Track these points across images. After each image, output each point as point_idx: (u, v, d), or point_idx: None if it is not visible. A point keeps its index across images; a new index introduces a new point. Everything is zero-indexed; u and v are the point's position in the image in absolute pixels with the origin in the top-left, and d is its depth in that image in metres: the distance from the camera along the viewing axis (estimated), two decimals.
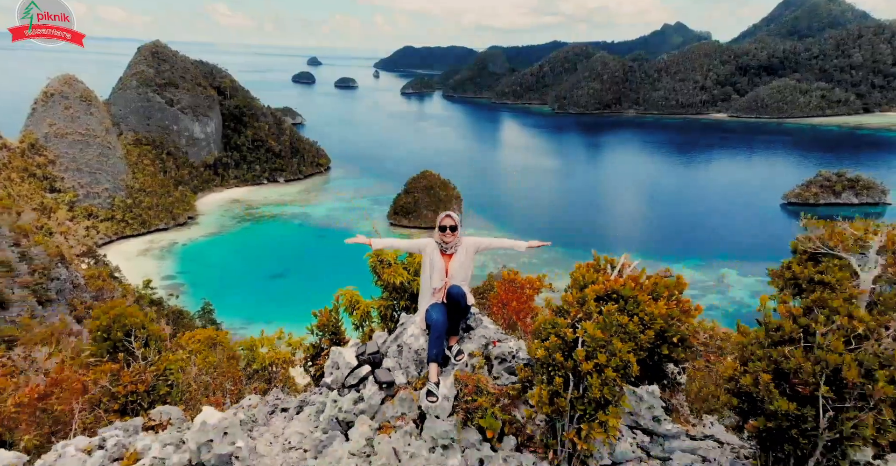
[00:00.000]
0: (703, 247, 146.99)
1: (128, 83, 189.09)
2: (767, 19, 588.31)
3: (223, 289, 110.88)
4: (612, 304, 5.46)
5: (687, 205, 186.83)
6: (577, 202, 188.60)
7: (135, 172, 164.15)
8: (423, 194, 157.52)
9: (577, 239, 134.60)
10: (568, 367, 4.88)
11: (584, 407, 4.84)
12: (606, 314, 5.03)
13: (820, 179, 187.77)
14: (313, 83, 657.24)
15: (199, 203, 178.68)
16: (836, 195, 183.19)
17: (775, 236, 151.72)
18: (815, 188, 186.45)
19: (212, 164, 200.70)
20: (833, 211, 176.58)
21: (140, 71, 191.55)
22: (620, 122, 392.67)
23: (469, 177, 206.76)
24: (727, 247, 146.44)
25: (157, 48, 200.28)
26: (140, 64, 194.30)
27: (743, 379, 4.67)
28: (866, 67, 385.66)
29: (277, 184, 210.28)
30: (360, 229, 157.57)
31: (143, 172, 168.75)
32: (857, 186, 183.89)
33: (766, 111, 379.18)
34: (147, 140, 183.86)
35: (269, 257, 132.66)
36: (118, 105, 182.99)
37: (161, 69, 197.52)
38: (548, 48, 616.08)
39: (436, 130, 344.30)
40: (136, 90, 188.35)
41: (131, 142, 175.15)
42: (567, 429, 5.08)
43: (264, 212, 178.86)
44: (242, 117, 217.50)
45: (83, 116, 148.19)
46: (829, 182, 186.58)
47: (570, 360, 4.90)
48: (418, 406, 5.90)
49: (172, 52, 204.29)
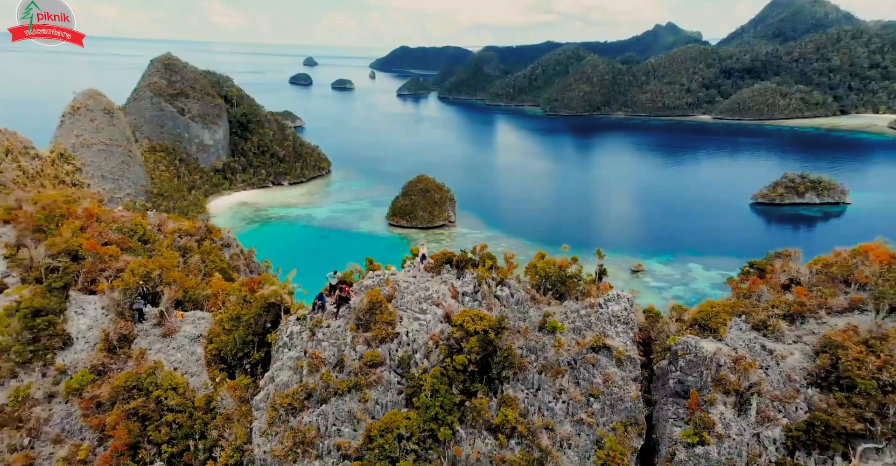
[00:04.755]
0: (674, 243, 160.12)
1: (142, 94, 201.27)
2: (755, 21, 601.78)
3: None
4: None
5: (665, 204, 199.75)
6: (565, 202, 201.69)
7: (153, 178, 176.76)
8: (419, 196, 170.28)
9: (563, 236, 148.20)
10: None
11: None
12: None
13: (785, 180, 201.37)
14: (310, 85, 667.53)
15: (211, 206, 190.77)
16: (800, 196, 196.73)
17: (741, 233, 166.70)
18: (781, 189, 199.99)
19: (221, 168, 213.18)
20: (796, 210, 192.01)
21: (153, 82, 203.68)
22: (609, 123, 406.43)
23: (463, 178, 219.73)
24: (696, 244, 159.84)
25: (169, 60, 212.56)
26: (153, 75, 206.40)
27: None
28: (844, 70, 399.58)
29: (282, 187, 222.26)
30: (361, 231, 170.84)
31: (160, 178, 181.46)
32: (819, 187, 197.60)
33: (747, 113, 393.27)
34: (161, 147, 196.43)
35: (277, 256, 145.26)
36: (133, 114, 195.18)
37: (173, 80, 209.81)
38: (542, 48, 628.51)
39: (432, 133, 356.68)
40: (150, 100, 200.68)
41: (147, 149, 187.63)
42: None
43: (271, 214, 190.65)
44: (248, 124, 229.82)
45: (107, 127, 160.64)
46: (793, 183, 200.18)
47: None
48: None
49: (183, 64, 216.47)
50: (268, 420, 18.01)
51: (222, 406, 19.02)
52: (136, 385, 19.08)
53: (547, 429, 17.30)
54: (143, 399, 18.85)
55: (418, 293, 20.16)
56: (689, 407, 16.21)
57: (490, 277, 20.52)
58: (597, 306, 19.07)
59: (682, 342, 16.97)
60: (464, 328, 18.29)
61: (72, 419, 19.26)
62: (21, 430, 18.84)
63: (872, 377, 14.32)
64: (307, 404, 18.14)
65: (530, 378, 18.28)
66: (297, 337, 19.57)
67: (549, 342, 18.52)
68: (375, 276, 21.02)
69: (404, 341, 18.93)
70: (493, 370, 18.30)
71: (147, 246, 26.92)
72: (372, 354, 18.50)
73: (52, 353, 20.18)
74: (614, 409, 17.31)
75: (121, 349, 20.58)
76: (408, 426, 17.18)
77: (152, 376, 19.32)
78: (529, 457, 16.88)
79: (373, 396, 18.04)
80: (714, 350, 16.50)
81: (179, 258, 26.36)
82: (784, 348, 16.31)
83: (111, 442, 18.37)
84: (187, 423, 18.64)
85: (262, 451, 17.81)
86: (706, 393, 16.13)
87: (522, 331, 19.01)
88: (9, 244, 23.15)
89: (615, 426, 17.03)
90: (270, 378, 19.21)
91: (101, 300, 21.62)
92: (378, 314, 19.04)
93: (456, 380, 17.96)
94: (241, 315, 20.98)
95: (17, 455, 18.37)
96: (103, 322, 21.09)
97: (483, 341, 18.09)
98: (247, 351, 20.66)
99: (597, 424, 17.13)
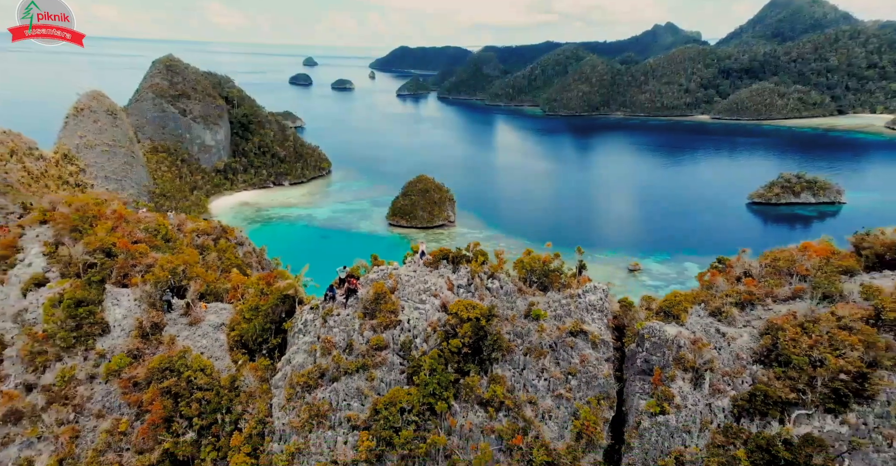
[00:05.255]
0: (671, 243, 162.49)
1: (144, 95, 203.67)
2: (753, 21, 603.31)
3: None
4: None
5: (663, 204, 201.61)
6: (564, 202, 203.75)
7: (155, 179, 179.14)
8: (419, 196, 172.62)
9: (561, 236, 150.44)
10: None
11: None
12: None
13: (781, 180, 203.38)
14: (310, 85, 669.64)
15: (212, 206, 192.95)
16: (796, 195, 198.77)
17: (737, 233, 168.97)
18: (777, 189, 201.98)
19: (222, 169, 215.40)
20: (792, 210, 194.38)
21: (155, 84, 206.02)
22: (608, 124, 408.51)
23: (463, 178, 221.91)
24: (693, 243, 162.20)
25: (171, 62, 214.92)
26: (155, 77, 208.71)
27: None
28: (841, 71, 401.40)
29: (283, 187, 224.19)
30: (361, 230, 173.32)
31: (163, 179, 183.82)
32: (815, 187, 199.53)
33: (745, 113, 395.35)
34: (163, 148, 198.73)
35: (279, 256, 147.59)
36: (136, 115, 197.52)
37: (174, 81, 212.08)
38: (541, 48, 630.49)
39: (431, 133, 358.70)
40: (152, 101, 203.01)
41: (149, 150, 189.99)
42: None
43: (272, 214, 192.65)
44: (249, 125, 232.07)
45: (110, 128, 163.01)
46: (789, 183, 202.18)
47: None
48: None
49: (185, 65, 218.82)
50: (286, 397, 20.52)
51: (245, 385, 21.54)
52: (169, 367, 21.59)
53: (530, 403, 19.81)
54: (175, 379, 21.35)
55: (418, 285, 22.65)
56: (653, 383, 18.71)
57: (482, 271, 23.01)
58: (576, 296, 21.59)
59: (649, 326, 19.47)
60: (458, 315, 20.78)
61: (111, 396, 21.77)
62: (67, 406, 21.35)
63: (805, 354, 16.80)
64: (321, 382, 20.64)
65: (516, 359, 20.80)
66: (310, 324, 22.08)
67: (533, 327, 21.03)
68: (380, 270, 23.52)
69: (406, 327, 21.44)
70: (484, 352, 20.80)
71: (169, 244, 29.39)
72: (377, 339, 21.01)
73: (93, 339, 22.68)
74: (589, 385, 19.82)
75: (153, 336, 23.08)
76: (409, 400, 19.69)
77: (182, 359, 21.83)
78: (515, 427, 19.40)
79: (378, 375, 20.55)
80: (675, 334, 18.99)
81: (199, 256, 28.81)
82: (735, 331, 18.81)
83: (148, 417, 20.88)
84: (215, 400, 21.15)
85: (282, 423, 20.33)
86: (668, 370, 18.62)
87: (510, 318, 21.51)
88: (48, 243, 25.63)
89: (590, 400, 19.55)
90: (287, 360, 21.72)
91: (133, 292, 24.11)
92: (382, 303, 21.55)
93: (451, 361, 20.47)
94: (259, 306, 23.48)
95: (65, 428, 20.89)
96: (136, 312, 23.59)
97: (475, 327, 20.59)
98: (265, 337, 23.18)
99: (574, 398, 19.65)
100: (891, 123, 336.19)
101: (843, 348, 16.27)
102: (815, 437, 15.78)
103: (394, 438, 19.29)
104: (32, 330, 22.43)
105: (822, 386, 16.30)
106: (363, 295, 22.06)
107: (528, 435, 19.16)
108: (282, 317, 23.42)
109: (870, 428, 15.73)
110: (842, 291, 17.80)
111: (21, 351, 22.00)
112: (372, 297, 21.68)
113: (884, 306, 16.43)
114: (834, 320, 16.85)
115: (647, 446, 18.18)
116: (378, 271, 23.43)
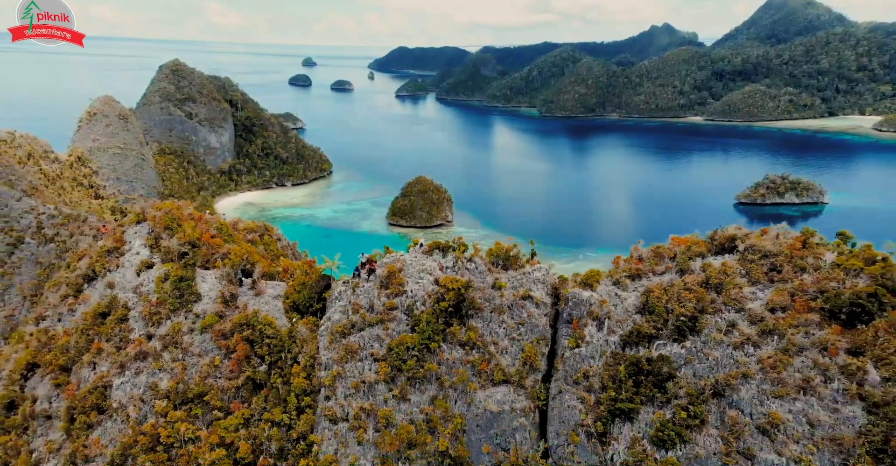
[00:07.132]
0: (661, 241, 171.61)
1: (152, 99, 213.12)
2: (748, 23, 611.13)
3: None
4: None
5: (654, 204, 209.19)
6: (559, 203, 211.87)
7: (163, 180, 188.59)
8: (418, 197, 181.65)
9: (556, 235, 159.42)
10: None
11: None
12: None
13: (766, 181, 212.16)
14: (310, 85, 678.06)
15: (218, 206, 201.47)
16: (780, 196, 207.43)
17: None
18: (763, 190, 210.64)
19: (227, 170, 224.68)
20: (777, 210, 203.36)
21: (162, 87, 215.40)
22: (604, 125, 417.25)
23: (461, 179, 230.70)
24: None
25: (177, 66, 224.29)
26: (162, 81, 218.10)
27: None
28: (832, 73, 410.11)
29: (285, 188, 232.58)
30: (362, 230, 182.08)
31: (171, 180, 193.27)
32: (799, 187, 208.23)
33: (738, 115, 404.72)
34: (170, 150, 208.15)
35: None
36: (143, 118, 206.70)
37: (181, 85, 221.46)
38: (539, 49, 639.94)
39: (430, 134, 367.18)
40: (160, 105, 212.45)
41: (157, 152, 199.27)
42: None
43: (276, 214, 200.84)
44: (253, 127, 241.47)
45: (121, 132, 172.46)
46: (774, 184, 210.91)
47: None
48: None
49: (190, 70, 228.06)
50: (329, 340, 30.30)
51: (299, 334, 31.29)
52: (246, 322, 31.32)
53: (494, 343, 29.62)
54: (251, 330, 31.07)
55: (418, 266, 32.43)
56: (573, 328, 28.51)
57: (463, 257, 32.76)
58: (527, 273, 31.41)
59: (572, 292, 29.30)
60: (446, 287, 30.50)
61: (206, 342, 31.50)
62: (177, 350, 31.08)
63: (664, 307, 26.59)
64: (352, 331, 30.44)
65: (485, 315, 30.63)
66: (343, 294, 31.87)
67: (496, 294, 30.83)
68: (391, 257, 33.34)
69: (410, 295, 31.21)
70: (463, 310, 30.59)
71: (230, 239, 39.03)
72: (390, 303, 30.75)
73: (191, 304, 32.39)
74: (532, 331, 29.64)
75: (231, 303, 32.78)
76: (412, 342, 29.47)
77: (255, 317, 31.56)
78: (483, 358, 29.22)
79: (391, 326, 30.36)
80: (589, 296, 28.79)
81: (254, 248, 38.53)
82: (626, 294, 28.59)
83: (234, 355, 30.61)
84: (278, 344, 30.92)
85: (326, 358, 30.13)
86: (582, 320, 28.39)
87: (481, 288, 31.31)
88: (148, 237, 35.31)
89: (533, 340, 29.37)
90: (328, 318, 31.50)
91: (215, 273, 33.80)
92: (393, 279, 31.32)
93: (441, 317, 30.24)
94: (305, 282, 33.23)
95: (178, 363, 30.65)
96: (218, 286, 33.31)
97: (458, 294, 30.32)
98: (311, 303, 32.94)
99: (522, 339, 29.47)
100: (878, 124, 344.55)
101: (685, 301, 26.03)
102: (665, 355, 25.59)
103: (402, 366, 29.08)
104: (149, 298, 32.06)
105: (672, 325, 26.09)
106: (380, 273, 31.83)
107: (491, 363, 28.94)
108: (322, 289, 33.19)
109: (697, 349, 25.53)
110: (690, 267, 27.56)
111: (143, 312, 31.62)
112: (386, 274, 31.43)
113: (710, 275, 26.24)
114: (682, 284, 26.63)
115: (567, 368, 28.01)
116: (390, 257, 33.25)
